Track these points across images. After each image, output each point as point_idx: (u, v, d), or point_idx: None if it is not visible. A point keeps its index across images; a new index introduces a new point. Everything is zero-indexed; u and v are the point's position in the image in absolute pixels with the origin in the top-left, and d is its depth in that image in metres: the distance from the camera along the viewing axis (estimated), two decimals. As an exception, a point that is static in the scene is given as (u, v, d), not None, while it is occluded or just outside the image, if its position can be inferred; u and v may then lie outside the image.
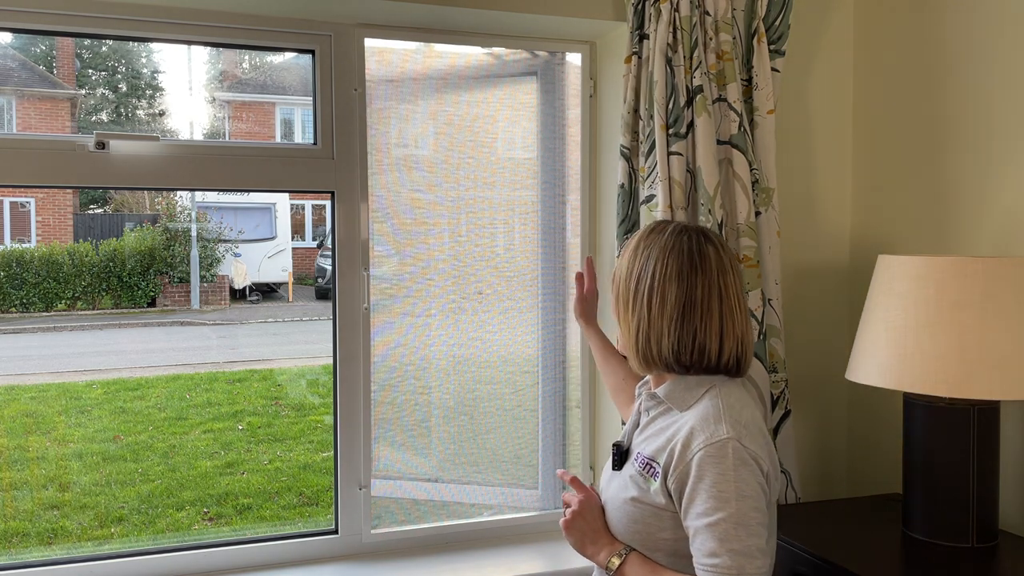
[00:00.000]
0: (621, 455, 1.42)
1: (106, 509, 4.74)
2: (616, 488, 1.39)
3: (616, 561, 1.33)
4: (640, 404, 1.45)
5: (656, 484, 1.30)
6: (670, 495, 1.29)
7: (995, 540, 1.61)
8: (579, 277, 1.93)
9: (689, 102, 1.84)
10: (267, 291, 11.00)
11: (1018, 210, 1.73)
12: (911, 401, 1.65)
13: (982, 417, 1.58)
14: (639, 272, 1.34)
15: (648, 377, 1.47)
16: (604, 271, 2.18)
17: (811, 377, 2.17)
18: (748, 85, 1.91)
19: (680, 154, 1.83)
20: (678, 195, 1.82)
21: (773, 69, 1.92)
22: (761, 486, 1.25)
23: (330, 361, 2.08)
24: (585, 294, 1.90)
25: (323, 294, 10.93)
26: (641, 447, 1.37)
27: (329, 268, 6.71)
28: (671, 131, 1.83)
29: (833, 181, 2.17)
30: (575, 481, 1.42)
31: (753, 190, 1.88)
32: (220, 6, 1.87)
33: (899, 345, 1.55)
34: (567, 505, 1.43)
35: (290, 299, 10.88)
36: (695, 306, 1.31)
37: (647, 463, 1.33)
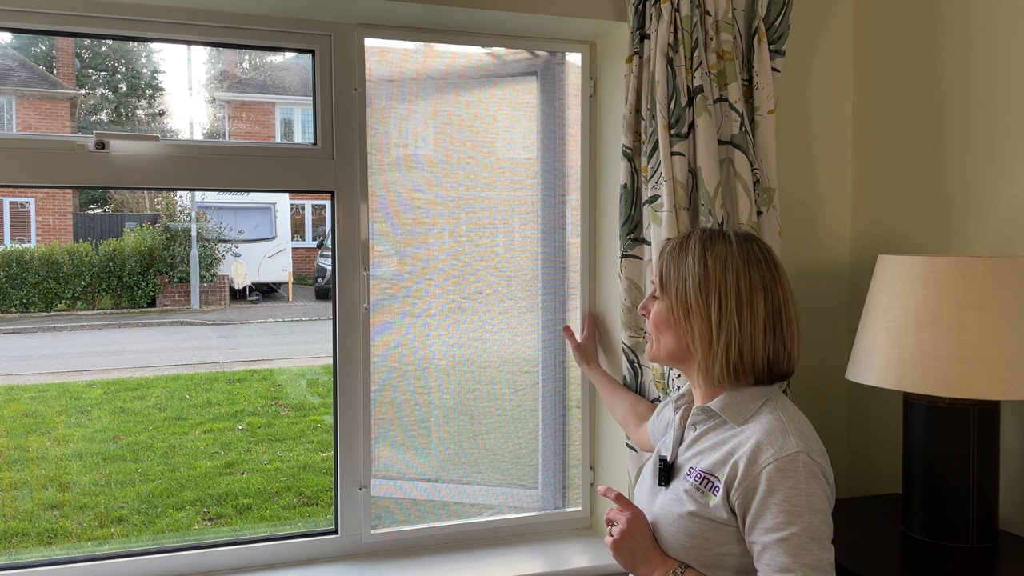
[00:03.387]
0: (668, 470, 1.39)
1: (106, 509, 4.73)
2: (667, 503, 1.35)
3: None
4: (677, 418, 1.43)
5: (716, 499, 1.28)
6: (732, 510, 1.27)
7: (995, 540, 1.61)
8: (568, 330, 2.12)
9: (690, 102, 1.84)
10: (267, 291, 11.00)
11: (1018, 210, 1.73)
12: (911, 401, 1.65)
13: (982, 417, 1.58)
14: (719, 286, 1.32)
15: (678, 392, 1.47)
16: (606, 271, 2.18)
17: (811, 377, 2.17)
18: (749, 85, 1.91)
19: (682, 154, 1.83)
20: (680, 195, 1.82)
21: (773, 69, 1.92)
22: (829, 500, 1.25)
23: (330, 361, 2.08)
24: (583, 343, 2.10)
25: (323, 294, 10.93)
26: (693, 462, 1.35)
27: (329, 268, 6.71)
28: (673, 131, 1.83)
29: (833, 181, 2.17)
30: (620, 498, 1.37)
31: (755, 190, 1.88)
32: (220, 6, 1.87)
33: (899, 345, 1.55)
34: (610, 523, 1.38)
35: (290, 299, 10.88)
36: (780, 316, 1.33)
37: (704, 477, 1.31)
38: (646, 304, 1.44)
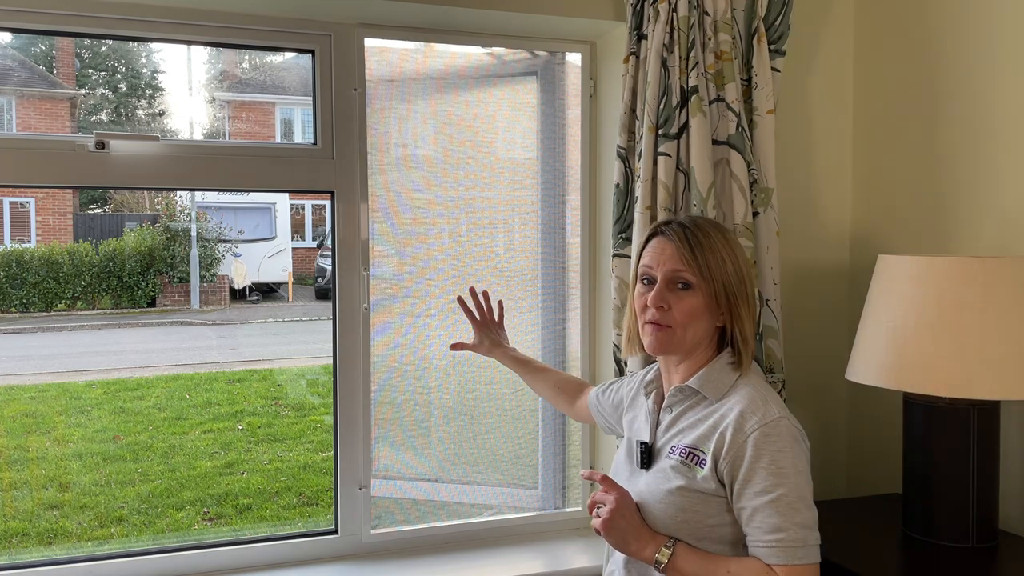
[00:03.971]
0: (648, 453, 1.42)
1: (106, 509, 4.73)
2: (653, 482, 1.38)
3: (667, 552, 1.31)
4: (650, 403, 1.47)
5: (704, 471, 1.32)
6: (720, 480, 1.31)
7: (995, 540, 1.61)
8: (458, 344, 1.92)
9: (684, 103, 1.84)
10: (267, 291, 11.00)
11: (1018, 210, 1.73)
12: (911, 401, 1.65)
13: (982, 417, 1.58)
14: (745, 267, 1.42)
15: (643, 378, 1.52)
16: (606, 271, 2.18)
17: (811, 377, 2.16)
18: (748, 85, 1.91)
19: (668, 155, 1.83)
20: (663, 196, 1.82)
21: (773, 69, 1.92)
22: (809, 461, 1.31)
23: (330, 361, 2.08)
24: (486, 329, 1.91)
25: (323, 294, 10.93)
26: (675, 440, 1.39)
27: (329, 268, 6.71)
28: (660, 132, 1.83)
29: (833, 181, 2.17)
30: (606, 479, 1.39)
31: (751, 190, 1.88)
32: (220, 6, 1.87)
33: (899, 345, 1.55)
34: (594, 505, 1.40)
35: (290, 299, 10.88)
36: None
37: (690, 452, 1.35)
38: (663, 296, 1.38)
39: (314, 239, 12.50)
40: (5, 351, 7.73)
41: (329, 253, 6.03)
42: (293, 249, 11.47)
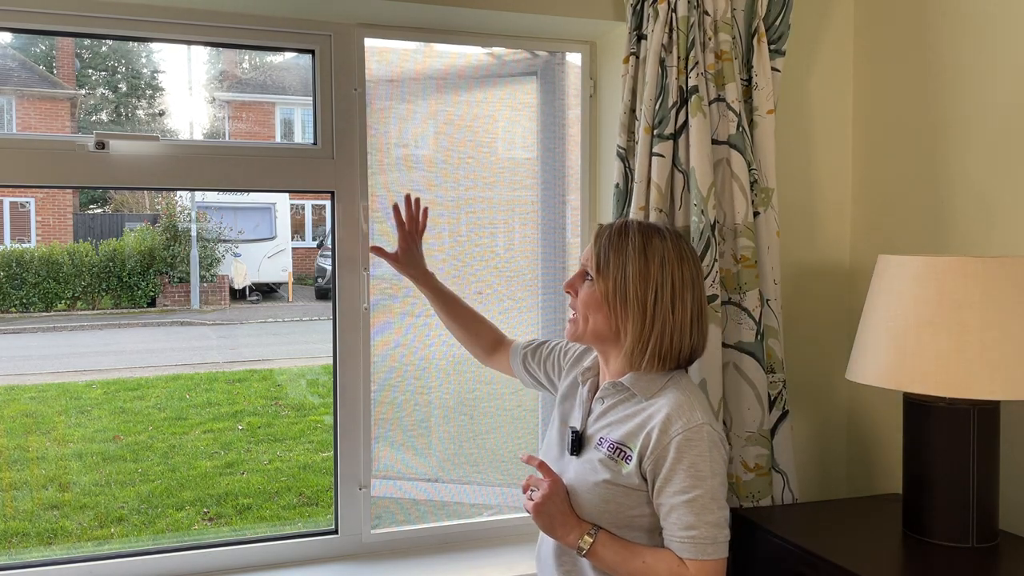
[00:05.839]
0: (579, 441, 1.50)
1: (106, 509, 4.74)
2: (581, 472, 1.46)
3: (588, 539, 1.41)
4: (585, 391, 1.55)
5: (630, 467, 1.41)
6: (644, 477, 1.40)
7: (995, 540, 1.61)
8: (378, 249, 1.84)
9: (683, 103, 1.84)
10: (267, 291, 11.00)
11: (1018, 210, 1.74)
12: (911, 401, 1.65)
13: (982, 417, 1.58)
14: (657, 279, 1.42)
15: (584, 364, 1.59)
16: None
17: (811, 377, 2.17)
18: (748, 85, 1.91)
19: (662, 155, 1.83)
20: (655, 197, 1.82)
21: (773, 69, 1.92)
22: (725, 464, 1.41)
23: (330, 361, 2.08)
24: (414, 234, 1.83)
25: (323, 294, 10.94)
26: (604, 432, 1.47)
27: (329, 268, 6.71)
28: (656, 132, 1.83)
29: (833, 181, 2.17)
30: (543, 465, 1.48)
31: (752, 190, 1.88)
32: (220, 6, 1.87)
33: (899, 345, 1.55)
34: (528, 488, 1.49)
35: (290, 299, 10.89)
36: (702, 309, 1.47)
37: (617, 447, 1.43)
38: (574, 283, 1.50)
39: (314, 239, 12.51)
40: (5, 351, 7.73)
41: (329, 253, 6.03)
42: (293, 249, 11.48)
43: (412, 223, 1.85)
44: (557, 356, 1.71)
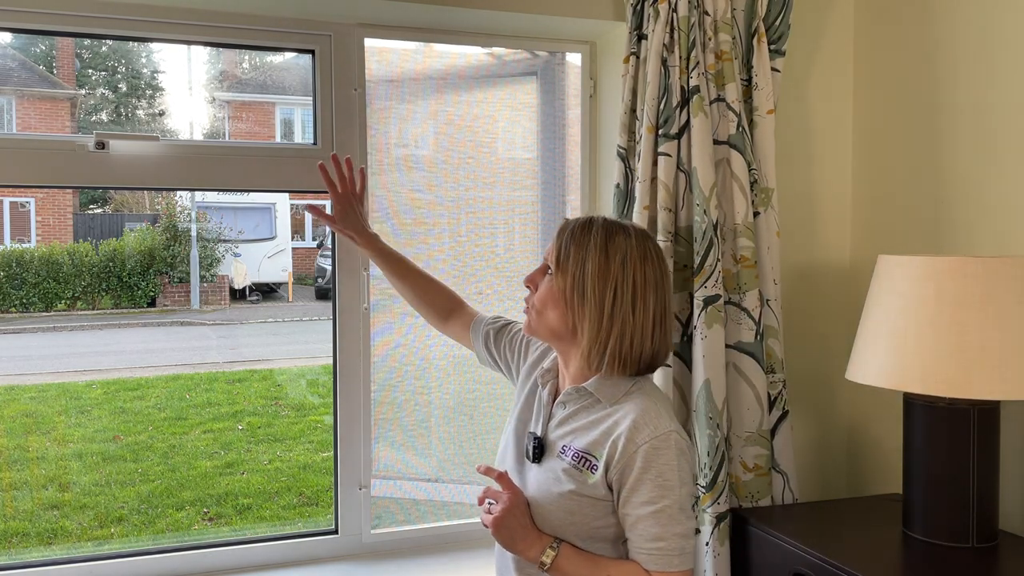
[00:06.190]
0: (540, 447, 1.43)
1: (106, 509, 4.74)
2: (545, 482, 1.39)
3: (551, 553, 1.35)
4: (545, 395, 1.47)
5: (596, 477, 1.35)
6: (610, 486, 1.35)
7: (995, 540, 1.61)
8: (314, 208, 1.76)
9: (685, 103, 1.84)
10: (267, 291, 11.01)
11: (1018, 210, 1.74)
12: (911, 401, 1.65)
13: (982, 417, 1.58)
14: (617, 278, 1.36)
15: (544, 364, 1.51)
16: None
17: (811, 377, 2.17)
18: (748, 85, 1.91)
19: (669, 155, 1.83)
20: (663, 196, 1.82)
21: (773, 69, 1.92)
22: (693, 474, 1.36)
23: (330, 361, 2.08)
24: (348, 195, 1.75)
25: (323, 294, 10.94)
26: (567, 440, 1.40)
27: (329, 268, 6.71)
28: (660, 132, 1.83)
29: (833, 181, 2.17)
30: (503, 477, 1.40)
31: (752, 190, 1.88)
32: (220, 6, 1.87)
33: (899, 345, 1.55)
34: (483, 500, 1.42)
35: (290, 299, 10.89)
36: (666, 312, 1.40)
37: (582, 456, 1.37)
38: (534, 277, 1.44)
39: (314, 239, 12.51)
40: (5, 351, 7.73)
41: (329, 253, 6.03)
42: (293, 249, 11.48)
43: (344, 184, 1.76)
44: (521, 343, 1.64)
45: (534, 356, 1.58)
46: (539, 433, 1.45)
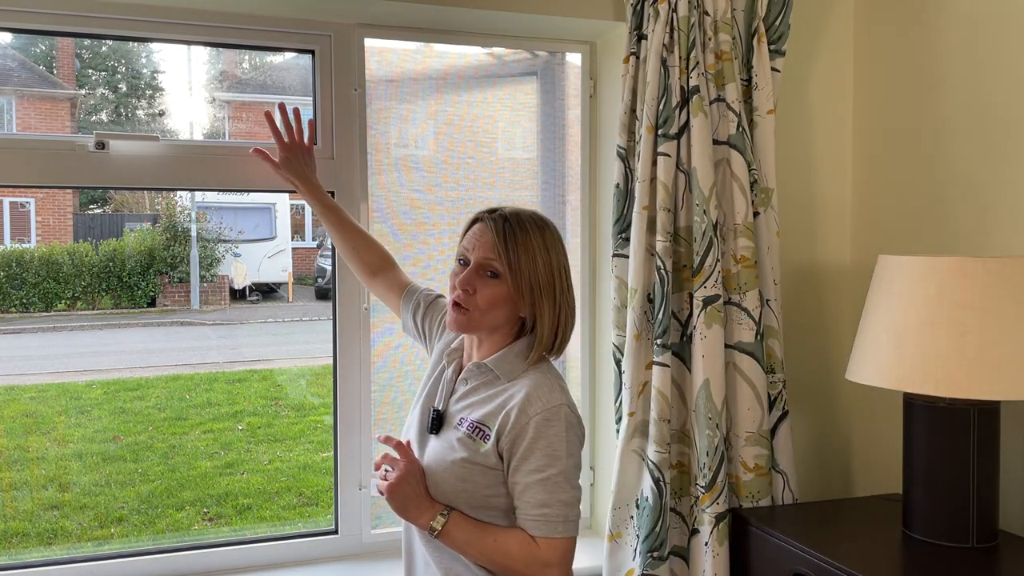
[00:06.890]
0: (439, 420, 1.50)
1: (106, 509, 4.73)
2: (440, 451, 1.47)
3: (441, 520, 1.41)
4: (450, 372, 1.54)
5: (488, 446, 1.42)
6: (501, 456, 1.42)
7: (995, 540, 1.61)
8: (274, 127, 1.83)
9: (685, 103, 1.84)
10: (267, 291, 11.00)
11: (1018, 210, 1.74)
12: (911, 401, 1.65)
13: (982, 417, 1.58)
14: (559, 269, 1.47)
15: (452, 344, 1.58)
16: (605, 271, 2.18)
17: (811, 377, 2.17)
18: (748, 85, 1.91)
19: (668, 155, 1.83)
20: (663, 196, 1.82)
21: (773, 69, 1.92)
22: (580, 445, 1.44)
23: (330, 361, 2.08)
24: (295, 145, 1.84)
25: (323, 294, 10.93)
26: (464, 413, 1.48)
27: (329, 268, 6.71)
28: (660, 132, 1.83)
29: (833, 181, 2.17)
30: (400, 446, 1.46)
31: (752, 190, 1.88)
32: (220, 6, 1.87)
33: (899, 345, 1.55)
34: (380, 467, 1.47)
35: (290, 299, 10.88)
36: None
37: (476, 427, 1.44)
38: (471, 280, 1.45)
39: (314, 239, 12.49)
40: (5, 351, 7.73)
41: (329, 253, 6.02)
42: (293, 249, 11.46)
43: (291, 133, 1.84)
44: (441, 320, 1.69)
45: (448, 336, 1.64)
46: (440, 407, 1.52)
